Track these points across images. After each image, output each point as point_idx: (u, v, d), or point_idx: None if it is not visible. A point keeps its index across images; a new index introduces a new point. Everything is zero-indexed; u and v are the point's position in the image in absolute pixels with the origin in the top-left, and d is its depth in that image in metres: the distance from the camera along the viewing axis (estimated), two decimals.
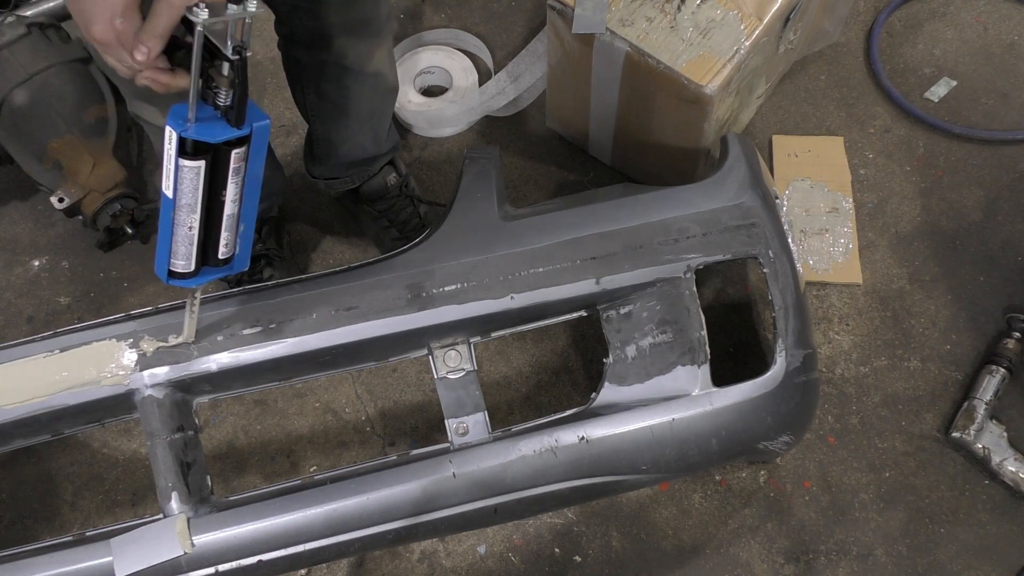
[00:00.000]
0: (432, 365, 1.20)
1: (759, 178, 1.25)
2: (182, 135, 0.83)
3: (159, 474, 1.12)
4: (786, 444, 1.23)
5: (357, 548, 1.15)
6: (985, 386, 1.48)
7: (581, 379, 1.59)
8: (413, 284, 1.18)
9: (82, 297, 1.73)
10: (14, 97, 1.59)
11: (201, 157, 0.86)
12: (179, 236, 0.92)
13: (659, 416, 1.16)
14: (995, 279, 1.62)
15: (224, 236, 0.95)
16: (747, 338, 1.60)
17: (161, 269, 0.95)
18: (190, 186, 0.88)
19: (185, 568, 1.10)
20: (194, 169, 0.87)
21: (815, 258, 1.65)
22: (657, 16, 1.43)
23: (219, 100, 0.84)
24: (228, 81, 0.82)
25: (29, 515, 1.53)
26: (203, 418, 1.57)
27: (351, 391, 1.60)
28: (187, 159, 0.85)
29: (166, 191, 0.88)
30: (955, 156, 1.75)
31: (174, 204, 0.89)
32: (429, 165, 1.80)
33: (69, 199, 1.62)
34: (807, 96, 1.84)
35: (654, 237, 1.19)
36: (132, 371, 1.13)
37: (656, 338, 1.18)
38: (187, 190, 0.88)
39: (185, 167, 0.86)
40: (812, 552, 1.43)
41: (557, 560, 1.45)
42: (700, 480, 1.49)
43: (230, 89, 0.83)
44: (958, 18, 1.91)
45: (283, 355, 1.15)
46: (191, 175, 0.87)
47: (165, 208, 0.90)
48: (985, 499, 1.45)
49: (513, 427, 1.18)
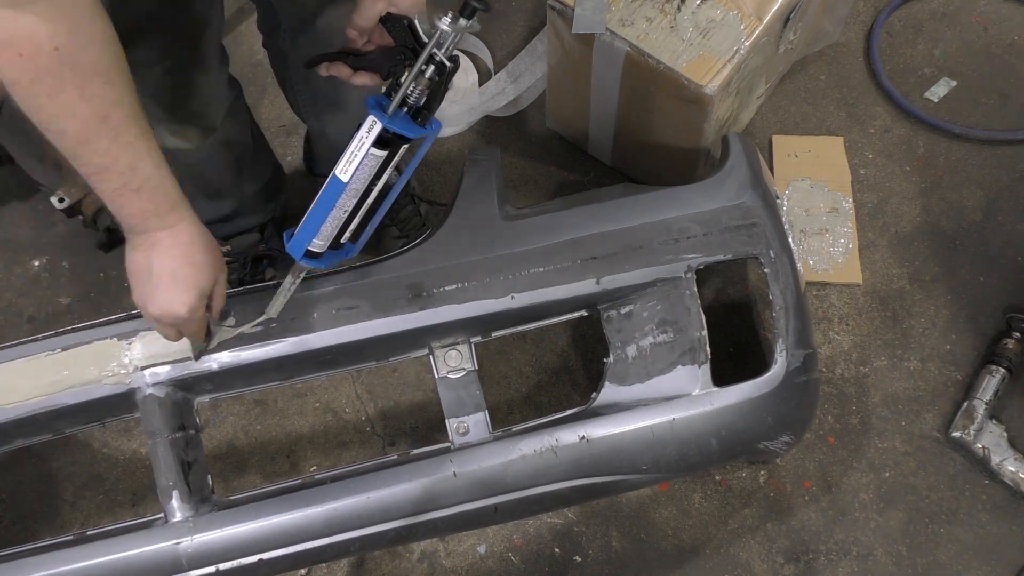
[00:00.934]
0: (433, 365, 1.20)
1: (759, 178, 1.25)
2: (386, 126, 0.88)
3: (160, 473, 1.12)
4: (786, 444, 1.23)
5: (357, 547, 1.15)
6: (985, 386, 1.48)
7: (581, 379, 1.59)
8: (414, 284, 1.18)
9: (82, 297, 1.73)
10: None
11: (387, 148, 0.91)
12: (332, 218, 0.95)
13: (659, 416, 1.16)
14: (995, 279, 1.63)
15: (356, 222, 0.98)
16: (747, 338, 1.60)
17: (298, 248, 0.97)
18: (366, 173, 0.92)
19: (186, 567, 1.10)
20: (378, 158, 0.91)
21: (815, 258, 1.65)
22: (657, 16, 1.43)
23: (410, 99, 0.89)
24: (429, 83, 0.89)
25: (29, 515, 1.53)
26: (203, 418, 1.57)
27: (351, 391, 1.60)
28: (377, 148, 0.90)
29: (341, 175, 0.92)
30: (955, 156, 1.76)
31: (344, 188, 0.92)
32: (429, 165, 1.80)
33: (69, 199, 1.63)
34: (807, 96, 1.84)
35: (654, 237, 1.19)
36: (133, 370, 1.13)
37: (656, 338, 1.18)
38: (362, 177, 0.92)
39: (372, 155, 0.90)
40: (812, 552, 1.43)
41: (557, 560, 1.45)
42: (700, 480, 1.49)
43: (426, 91, 0.89)
44: (958, 18, 1.91)
45: (284, 355, 1.16)
46: (372, 163, 0.91)
47: (332, 191, 0.93)
48: (985, 499, 1.45)
49: (513, 427, 1.18)
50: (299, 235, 0.97)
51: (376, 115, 0.88)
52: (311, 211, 0.96)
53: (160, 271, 0.89)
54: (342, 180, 0.92)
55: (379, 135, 0.89)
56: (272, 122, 1.87)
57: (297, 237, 0.98)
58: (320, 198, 0.95)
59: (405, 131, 0.90)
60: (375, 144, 0.90)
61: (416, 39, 0.91)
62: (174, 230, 0.88)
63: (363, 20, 0.93)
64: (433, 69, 0.88)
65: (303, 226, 0.97)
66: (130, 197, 0.83)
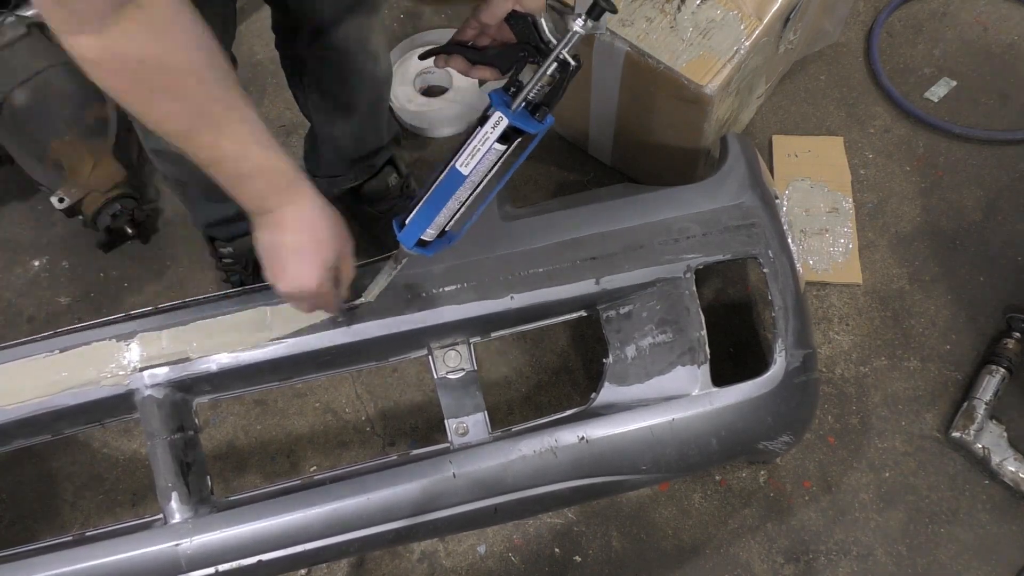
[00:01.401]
0: (432, 365, 1.20)
1: (759, 178, 1.25)
2: (512, 122, 0.90)
3: (159, 474, 1.12)
4: (786, 444, 1.23)
5: (357, 548, 1.15)
6: (985, 386, 1.48)
7: (581, 379, 1.59)
8: (413, 284, 1.17)
9: (82, 297, 1.73)
10: (14, 97, 1.59)
11: (507, 143, 0.93)
12: (447, 209, 0.97)
13: (659, 416, 1.16)
14: (995, 279, 1.62)
15: (464, 213, 1.00)
16: (747, 338, 1.60)
17: (410, 237, 0.99)
18: (486, 166, 0.94)
19: (185, 568, 1.10)
20: (499, 152, 0.93)
21: (815, 258, 1.65)
22: (657, 16, 1.43)
23: (530, 95, 0.91)
24: (551, 81, 0.91)
25: (29, 515, 1.53)
26: (203, 418, 1.57)
27: (351, 391, 1.60)
28: (500, 143, 0.92)
29: (462, 168, 0.94)
30: (955, 156, 1.75)
31: (464, 181, 0.95)
32: (429, 166, 1.80)
33: (69, 199, 1.62)
34: (807, 96, 1.84)
35: (654, 237, 1.19)
36: (132, 371, 1.13)
37: (656, 338, 1.18)
38: (482, 170, 0.94)
39: (494, 149, 0.93)
40: (812, 552, 1.43)
41: (557, 560, 1.45)
42: (700, 480, 1.49)
43: (547, 87, 0.91)
44: (958, 18, 1.91)
45: (283, 355, 1.16)
46: (493, 157, 0.94)
47: (451, 182, 0.95)
48: (985, 499, 1.45)
49: (513, 427, 1.18)
50: (413, 225, 0.99)
51: (502, 111, 0.91)
52: (426, 202, 0.98)
53: (286, 248, 0.91)
54: (462, 173, 0.95)
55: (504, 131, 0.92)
56: (272, 122, 1.87)
57: (411, 227, 0.99)
58: (437, 189, 0.97)
59: (527, 127, 0.92)
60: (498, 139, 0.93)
61: (541, 37, 0.94)
62: (296, 206, 0.90)
63: (490, 17, 0.95)
64: (556, 67, 0.90)
65: (417, 216, 0.99)
66: (245, 182, 0.86)
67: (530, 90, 0.90)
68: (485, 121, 0.92)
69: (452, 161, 0.95)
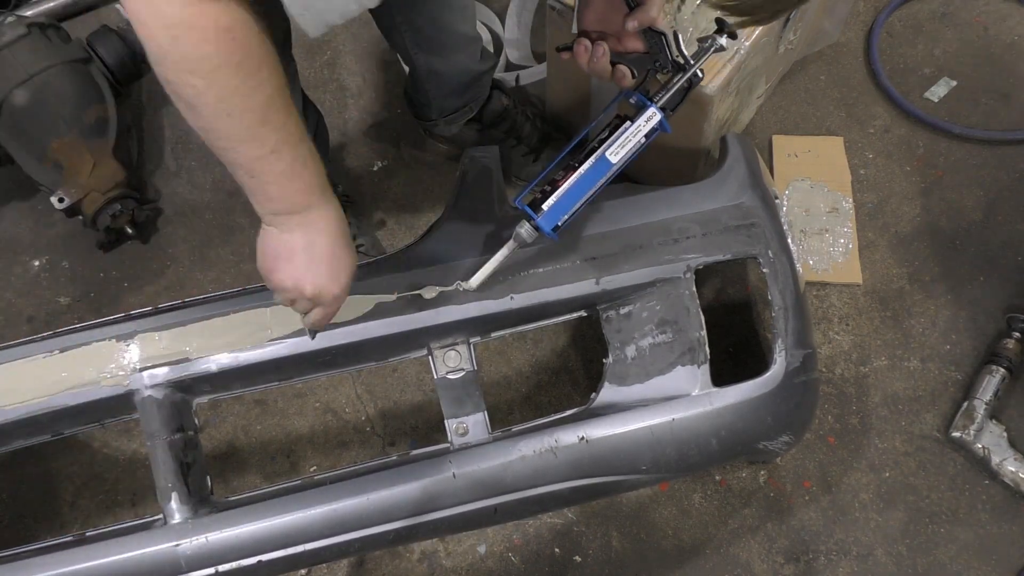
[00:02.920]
0: (432, 365, 1.20)
1: (759, 178, 1.25)
2: (662, 120, 1.04)
3: (159, 474, 1.12)
4: (786, 444, 1.23)
5: (357, 548, 1.15)
6: (985, 386, 1.48)
7: (581, 379, 1.59)
8: (413, 284, 1.17)
9: (82, 297, 1.73)
10: (14, 97, 1.59)
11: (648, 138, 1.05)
12: (588, 197, 1.05)
13: (659, 416, 1.16)
14: (995, 279, 1.62)
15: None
16: (747, 338, 1.60)
17: (551, 222, 1.05)
18: (628, 157, 1.05)
19: (185, 568, 1.10)
20: (641, 145, 1.05)
21: (815, 258, 1.65)
22: None
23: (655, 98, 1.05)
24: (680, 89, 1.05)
25: (29, 515, 1.53)
26: (203, 418, 1.57)
27: (351, 391, 1.60)
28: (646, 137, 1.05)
29: (611, 157, 1.04)
30: (955, 156, 1.75)
31: (610, 168, 1.05)
32: (430, 166, 1.80)
33: (69, 199, 1.62)
34: (807, 96, 1.84)
35: (654, 237, 1.19)
36: (132, 371, 1.13)
37: (656, 338, 1.18)
38: (626, 159, 1.05)
39: (642, 143, 1.05)
40: (812, 552, 1.43)
41: (557, 560, 1.45)
42: (700, 480, 1.49)
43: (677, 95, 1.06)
44: (958, 18, 1.91)
45: (283, 355, 1.16)
46: (637, 150, 1.05)
47: (597, 170, 1.04)
48: (985, 499, 1.45)
49: (513, 427, 1.18)
50: (554, 210, 1.04)
51: (656, 109, 1.03)
52: (571, 187, 1.04)
53: (321, 250, 0.91)
54: (611, 161, 1.04)
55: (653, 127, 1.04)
56: None
57: (551, 212, 1.04)
58: (584, 176, 1.04)
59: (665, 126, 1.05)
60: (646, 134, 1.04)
61: (679, 51, 1.04)
62: (328, 208, 0.92)
63: (636, 23, 1.02)
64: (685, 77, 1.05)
65: (560, 201, 1.04)
66: (299, 172, 0.87)
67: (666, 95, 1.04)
68: (638, 116, 1.03)
69: (599, 150, 1.03)
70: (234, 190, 1.81)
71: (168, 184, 1.84)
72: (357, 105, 1.90)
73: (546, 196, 1.04)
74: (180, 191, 1.83)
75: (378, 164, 1.83)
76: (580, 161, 1.04)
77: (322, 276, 0.92)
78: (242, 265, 1.74)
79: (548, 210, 1.03)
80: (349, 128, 1.87)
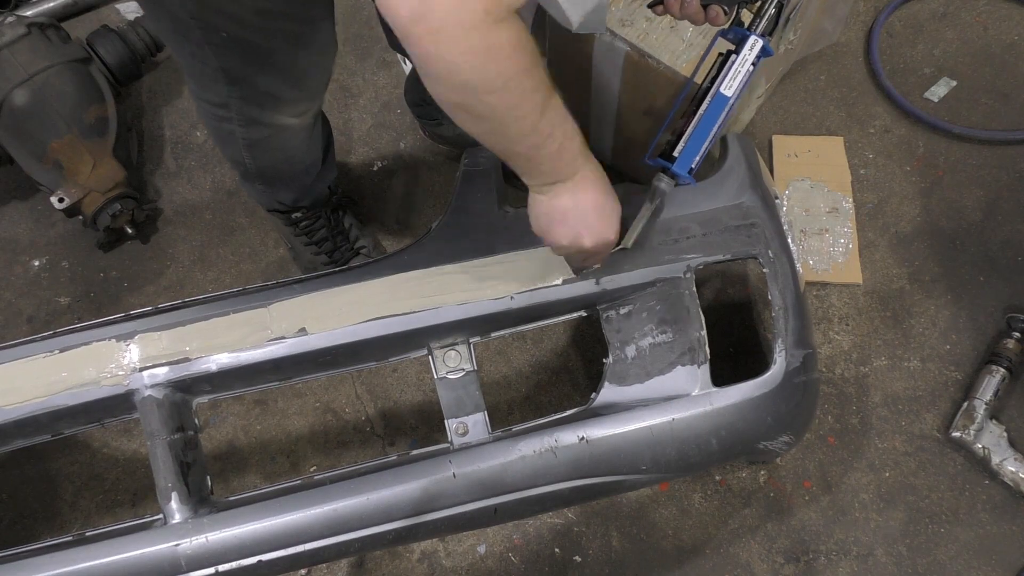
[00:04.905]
0: (432, 365, 1.20)
1: (759, 178, 1.25)
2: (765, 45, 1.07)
3: (159, 474, 1.12)
4: (786, 444, 1.23)
5: (357, 548, 1.15)
6: (985, 386, 1.48)
7: (581, 379, 1.59)
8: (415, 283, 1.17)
9: (82, 297, 1.73)
10: (14, 97, 1.59)
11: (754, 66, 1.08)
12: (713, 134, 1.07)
13: (659, 416, 1.15)
14: (995, 279, 1.62)
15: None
16: (747, 338, 1.60)
17: (684, 165, 1.09)
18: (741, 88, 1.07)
19: (185, 568, 1.10)
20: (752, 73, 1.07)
21: (815, 258, 1.65)
22: (657, 16, 1.43)
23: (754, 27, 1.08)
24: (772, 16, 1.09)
25: (29, 515, 1.53)
26: (203, 418, 1.57)
27: (351, 391, 1.60)
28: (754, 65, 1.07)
29: (726, 91, 1.07)
30: (955, 156, 1.75)
31: (727, 102, 1.07)
32: (430, 166, 1.80)
33: (69, 199, 1.63)
34: (807, 96, 1.84)
35: (654, 237, 1.19)
36: (132, 371, 1.13)
37: (656, 338, 1.18)
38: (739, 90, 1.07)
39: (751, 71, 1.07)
40: (812, 552, 1.43)
41: (557, 560, 1.45)
42: (700, 480, 1.49)
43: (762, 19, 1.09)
44: (958, 18, 1.91)
45: (283, 355, 1.15)
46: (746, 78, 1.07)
47: (717, 108, 1.07)
48: (985, 499, 1.45)
49: (513, 427, 1.18)
50: (686, 154, 1.08)
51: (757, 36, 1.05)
52: (696, 129, 1.08)
53: (589, 205, 1.00)
54: (726, 95, 1.06)
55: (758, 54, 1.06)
56: None
57: (684, 157, 1.08)
58: (706, 116, 1.07)
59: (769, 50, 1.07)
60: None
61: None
62: (589, 168, 0.99)
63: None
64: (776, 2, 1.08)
65: (689, 144, 1.08)
66: (567, 147, 0.94)
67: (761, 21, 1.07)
68: (741, 47, 1.06)
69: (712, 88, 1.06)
70: (234, 190, 1.81)
71: (168, 184, 1.84)
72: (357, 105, 1.90)
73: (673, 145, 1.08)
74: (180, 191, 1.83)
75: (378, 164, 1.83)
76: (697, 104, 1.07)
77: (595, 229, 1.01)
78: (242, 265, 1.74)
79: (680, 156, 1.08)
80: (349, 128, 1.87)
